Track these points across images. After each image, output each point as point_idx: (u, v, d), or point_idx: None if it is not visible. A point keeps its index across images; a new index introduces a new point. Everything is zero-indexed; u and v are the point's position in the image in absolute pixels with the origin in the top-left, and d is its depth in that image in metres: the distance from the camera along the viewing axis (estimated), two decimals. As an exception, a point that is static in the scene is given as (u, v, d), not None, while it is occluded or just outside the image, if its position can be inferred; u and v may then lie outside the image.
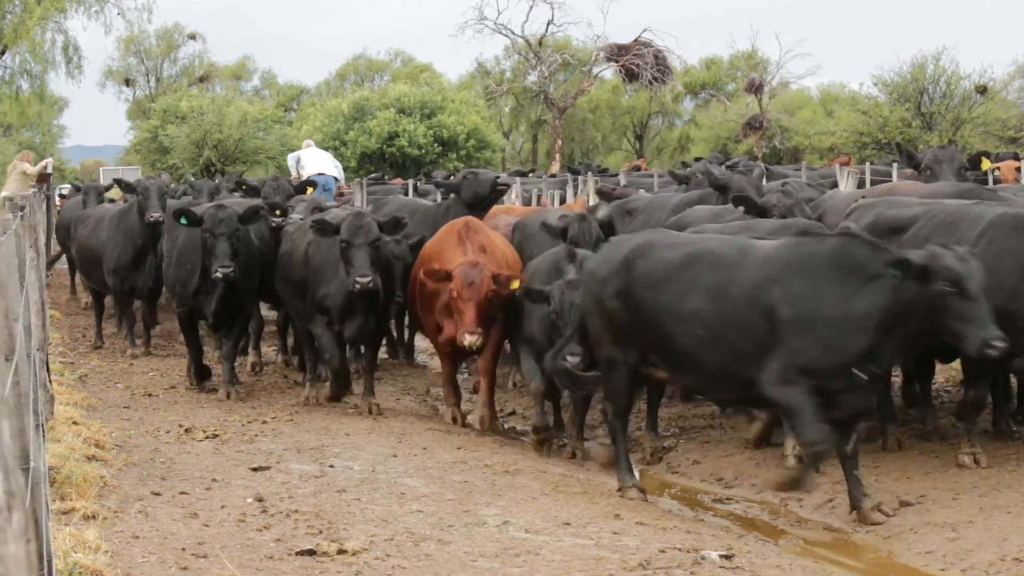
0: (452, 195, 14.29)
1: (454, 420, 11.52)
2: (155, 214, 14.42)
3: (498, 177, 15.15)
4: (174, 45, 69.03)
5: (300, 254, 12.06)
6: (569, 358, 9.34)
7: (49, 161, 25.43)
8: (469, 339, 10.67)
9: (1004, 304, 8.23)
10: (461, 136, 48.26)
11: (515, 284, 10.74)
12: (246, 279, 12.48)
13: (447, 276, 10.87)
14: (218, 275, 12.04)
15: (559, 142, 51.87)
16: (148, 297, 15.66)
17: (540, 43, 52.19)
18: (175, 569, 6.56)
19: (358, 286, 11.02)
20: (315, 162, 23.56)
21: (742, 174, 12.41)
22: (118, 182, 16.21)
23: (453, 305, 10.88)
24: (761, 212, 10.94)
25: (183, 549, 6.91)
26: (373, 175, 35.20)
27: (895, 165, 21.89)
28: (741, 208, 11.20)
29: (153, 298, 15.85)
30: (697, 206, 12.35)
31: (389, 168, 43.60)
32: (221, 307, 12.52)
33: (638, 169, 34.38)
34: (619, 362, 8.86)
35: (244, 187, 18.19)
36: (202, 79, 67.30)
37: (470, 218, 12.13)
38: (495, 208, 14.61)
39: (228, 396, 12.33)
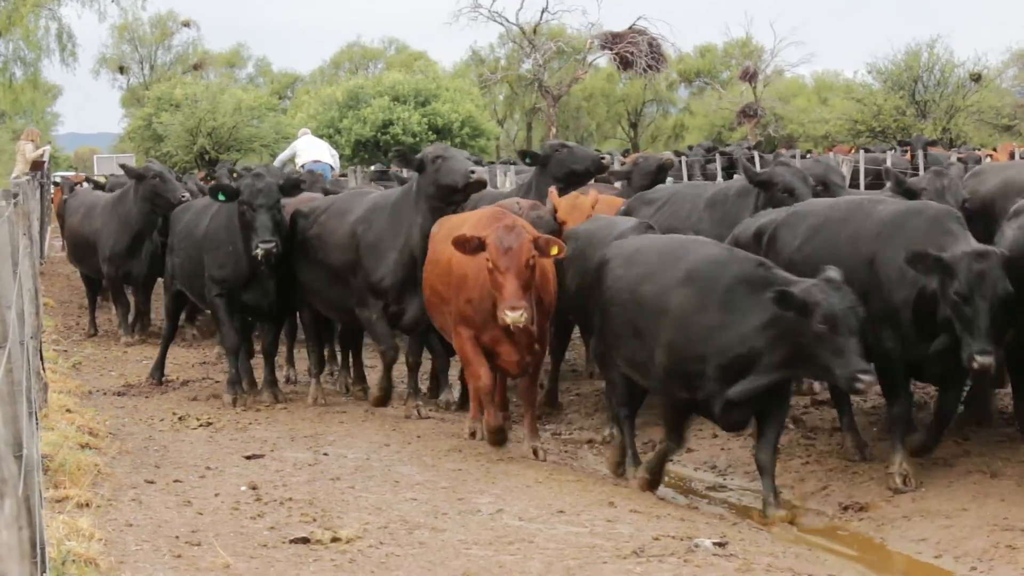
0: (536, 168, 12.78)
1: (472, 435, 10.06)
2: (183, 195, 13.94)
3: (603, 157, 13.31)
4: (168, 32, 68.98)
5: (343, 235, 11.03)
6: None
7: (46, 149, 25.39)
8: (511, 316, 8.72)
9: None
10: (455, 124, 48.23)
11: (555, 251, 9.14)
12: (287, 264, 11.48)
13: (480, 244, 9.09)
14: (259, 251, 10.94)
15: (553, 130, 51.87)
16: (143, 284, 15.63)
17: (535, 31, 52.19)
18: (168, 557, 6.56)
19: (474, 175, 10.10)
20: (311, 150, 23.57)
21: (785, 166, 11.46)
22: (124, 168, 16.10)
23: (490, 279, 9.02)
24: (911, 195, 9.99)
25: (177, 537, 6.91)
26: (376, 167, 35.01)
27: (889, 153, 21.88)
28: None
29: (148, 285, 15.80)
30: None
31: (383, 156, 43.53)
32: (269, 293, 11.48)
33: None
34: None
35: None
36: (196, 67, 67.23)
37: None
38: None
39: (275, 399, 11.56)
